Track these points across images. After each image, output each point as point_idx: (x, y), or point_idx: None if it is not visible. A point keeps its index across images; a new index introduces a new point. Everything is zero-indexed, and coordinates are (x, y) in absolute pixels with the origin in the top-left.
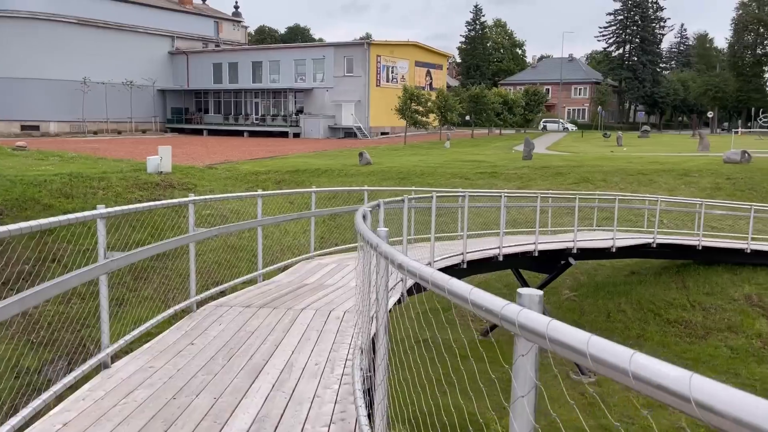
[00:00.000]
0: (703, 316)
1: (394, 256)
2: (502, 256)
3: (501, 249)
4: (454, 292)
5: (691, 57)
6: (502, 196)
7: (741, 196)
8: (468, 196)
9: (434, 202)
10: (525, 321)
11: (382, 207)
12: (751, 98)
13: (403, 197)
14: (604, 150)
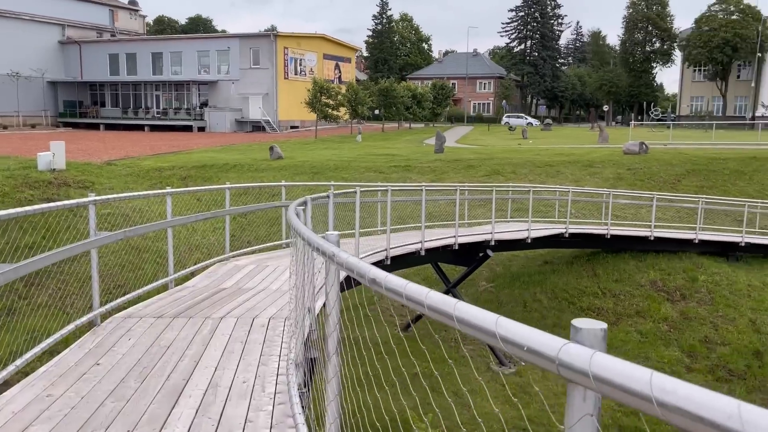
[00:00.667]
0: (613, 302)
1: (361, 269)
2: (424, 250)
3: (423, 243)
4: (439, 309)
5: (586, 53)
6: (423, 190)
7: (641, 186)
8: (390, 190)
9: (358, 197)
10: (599, 371)
11: (309, 204)
12: (641, 93)
13: (328, 192)
14: (512, 143)
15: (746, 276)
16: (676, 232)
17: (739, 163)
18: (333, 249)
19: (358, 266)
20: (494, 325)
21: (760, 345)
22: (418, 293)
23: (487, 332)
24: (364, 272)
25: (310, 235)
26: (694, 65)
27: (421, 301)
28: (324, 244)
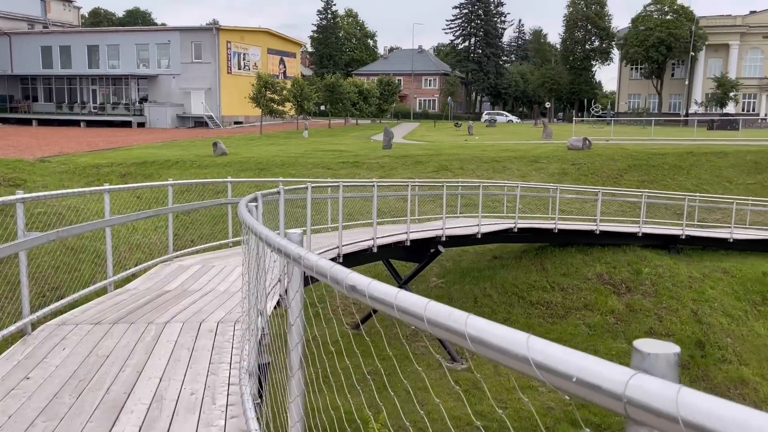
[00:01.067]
0: (562, 296)
1: (336, 274)
2: (377, 247)
3: (375, 240)
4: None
5: (528, 51)
6: (374, 186)
7: (585, 180)
8: (342, 186)
9: (309, 193)
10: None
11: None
12: (582, 90)
13: (279, 188)
14: (458, 139)
15: (687, 268)
16: (621, 226)
17: (677, 158)
18: (299, 251)
19: (333, 271)
20: (526, 348)
21: (701, 335)
22: (415, 305)
23: (518, 357)
24: (340, 278)
25: (269, 234)
26: (632, 64)
27: (420, 315)
28: (287, 244)
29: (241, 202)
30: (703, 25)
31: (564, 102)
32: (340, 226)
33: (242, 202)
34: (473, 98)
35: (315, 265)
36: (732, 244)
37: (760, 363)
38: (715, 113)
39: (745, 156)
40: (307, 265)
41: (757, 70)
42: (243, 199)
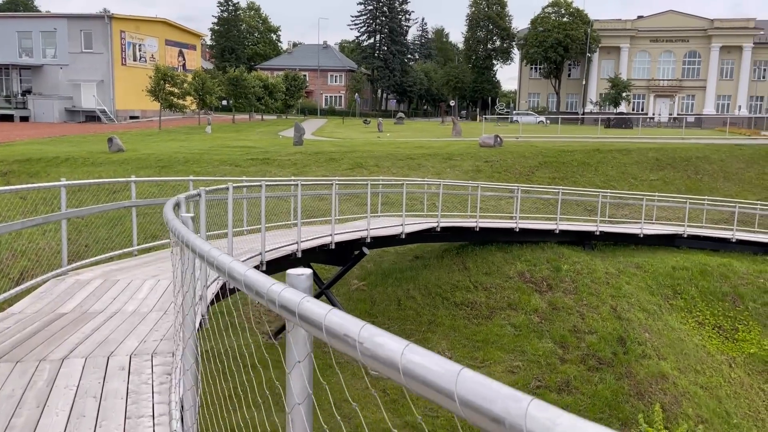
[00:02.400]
0: (486, 296)
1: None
2: (301, 251)
3: (299, 244)
4: None
5: (431, 49)
6: (299, 185)
7: (499, 177)
8: (264, 185)
9: (231, 194)
10: None
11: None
12: (485, 88)
13: (228, 185)
14: (370, 136)
15: (603, 264)
16: (539, 223)
17: (585, 155)
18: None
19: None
20: None
21: (622, 331)
22: None
23: None
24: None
25: (232, 265)
26: (531, 63)
27: None
28: (262, 281)
29: (167, 206)
30: (597, 28)
31: (467, 100)
32: (263, 229)
33: (168, 207)
34: (379, 95)
35: None
36: (642, 239)
37: (677, 357)
38: (609, 112)
39: (647, 153)
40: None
41: (646, 72)
42: (168, 202)
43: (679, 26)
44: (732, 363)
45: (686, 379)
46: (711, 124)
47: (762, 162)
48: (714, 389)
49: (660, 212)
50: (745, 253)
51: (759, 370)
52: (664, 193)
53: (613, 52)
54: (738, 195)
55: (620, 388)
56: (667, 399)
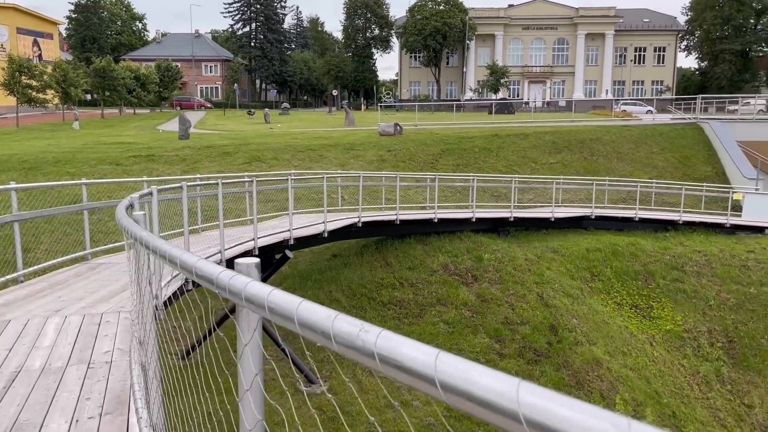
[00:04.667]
0: (413, 292)
1: None
2: (225, 261)
3: (223, 253)
4: None
5: (308, 39)
6: (219, 184)
7: (404, 167)
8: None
9: (185, 194)
10: None
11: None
12: (366, 78)
13: (182, 184)
14: (258, 127)
15: (521, 250)
16: (456, 212)
17: (485, 141)
18: None
19: None
20: None
21: (552, 319)
22: None
23: None
24: None
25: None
26: (411, 52)
27: None
28: None
29: (119, 209)
30: (472, 16)
31: (349, 90)
32: (186, 235)
33: (119, 209)
34: (259, 86)
35: None
36: (553, 223)
37: (605, 341)
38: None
39: (543, 137)
40: None
41: (519, 59)
42: (119, 206)
43: (548, 14)
44: (652, 341)
45: (617, 363)
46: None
47: (649, 142)
48: (641, 370)
49: (563, 195)
50: (647, 231)
51: (676, 346)
52: (564, 176)
53: (489, 40)
54: (632, 174)
55: (561, 379)
56: (604, 386)
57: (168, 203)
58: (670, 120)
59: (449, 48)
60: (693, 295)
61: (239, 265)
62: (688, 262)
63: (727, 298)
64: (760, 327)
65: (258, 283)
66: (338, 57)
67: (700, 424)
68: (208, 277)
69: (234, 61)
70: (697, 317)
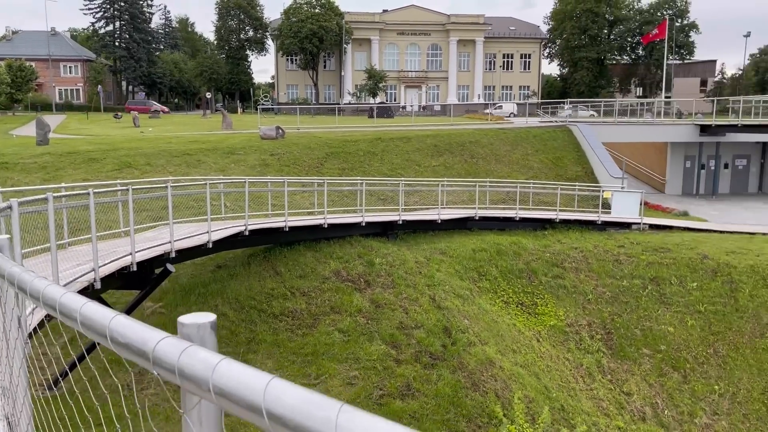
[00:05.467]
0: (305, 302)
1: None
2: (99, 281)
3: (97, 272)
4: None
5: (177, 39)
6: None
7: (289, 171)
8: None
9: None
10: None
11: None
12: (241, 80)
13: (47, 195)
14: (128, 132)
15: (411, 253)
16: (346, 217)
17: (369, 144)
18: None
19: None
20: None
21: (445, 321)
22: None
23: None
24: None
25: None
26: (287, 55)
27: None
28: None
29: None
30: (348, 20)
31: (223, 92)
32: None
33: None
34: (125, 88)
35: None
36: (439, 225)
37: (496, 340)
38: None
39: (425, 140)
40: None
41: (395, 64)
42: None
43: (421, 20)
44: (539, 337)
45: (509, 361)
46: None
47: (524, 144)
48: (530, 366)
49: (448, 197)
50: (527, 230)
51: (560, 340)
52: (447, 178)
53: (365, 44)
54: (509, 175)
55: (458, 382)
56: (498, 385)
57: (28, 216)
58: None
59: (326, 51)
60: (573, 290)
61: (186, 326)
62: (566, 258)
63: (603, 292)
64: (633, 318)
65: (230, 364)
66: (211, 58)
67: (586, 415)
68: (139, 349)
69: (96, 61)
70: (577, 311)
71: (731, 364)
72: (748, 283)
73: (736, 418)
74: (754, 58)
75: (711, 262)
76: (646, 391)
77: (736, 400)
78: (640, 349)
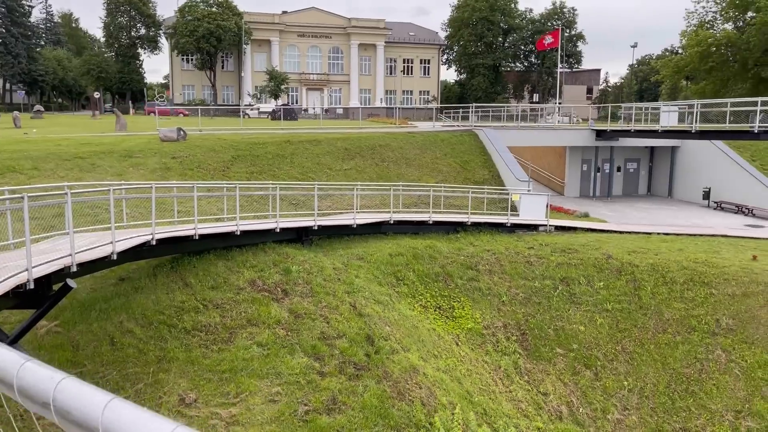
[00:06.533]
0: (219, 315)
1: None
2: None
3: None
4: None
5: (60, 36)
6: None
7: (193, 175)
8: None
9: None
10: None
11: None
12: (133, 80)
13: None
14: (6, 133)
15: (328, 260)
16: (258, 223)
17: (277, 147)
18: None
19: None
20: None
21: (367, 329)
22: None
23: None
24: None
25: None
26: (183, 54)
27: None
28: None
29: None
30: (247, 20)
31: (113, 92)
32: None
33: None
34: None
35: None
36: (355, 229)
37: (417, 345)
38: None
39: (336, 143)
40: None
41: (296, 66)
42: None
43: (322, 23)
44: (457, 341)
45: (431, 367)
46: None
47: (433, 148)
48: (452, 371)
49: (361, 201)
50: (440, 233)
51: (478, 343)
52: (359, 182)
53: (265, 45)
54: (420, 179)
55: (383, 392)
56: (423, 392)
57: None
58: (441, 127)
59: (224, 52)
60: (488, 292)
61: None
62: (480, 261)
63: (516, 293)
64: (546, 318)
65: None
66: (99, 56)
67: (507, 418)
68: None
69: None
70: (493, 314)
71: (638, 360)
72: (650, 281)
73: (645, 412)
74: (632, 68)
75: (615, 262)
76: (561, 390)
77: (644, 394)
78: (554, 349)
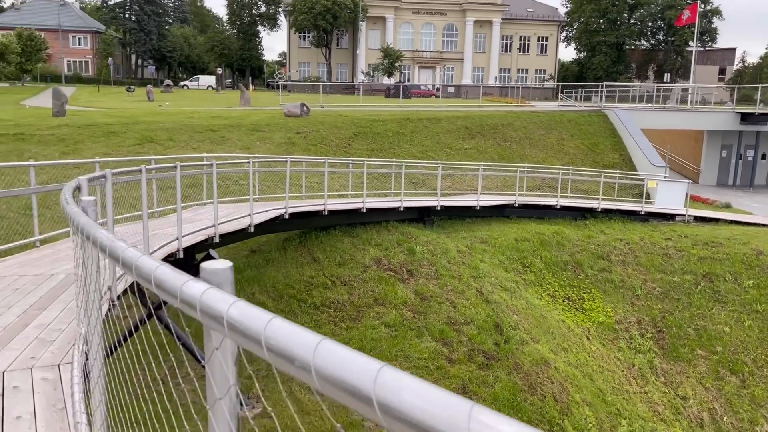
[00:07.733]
0: (347, 292)
1: None
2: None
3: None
4: None
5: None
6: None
7: (316, 151)
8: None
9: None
10: None
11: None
12: (252, 56)
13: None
14: (143, 105)
15: (451, 241)
16: (383, 201)
17: (397, 125)
18: None
19: None
20: None
21: (495, 317)
22: None
23: None
24: None
25: None
26: (300, 31)
27: None
28: None
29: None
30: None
31: (234, 68)
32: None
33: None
34: (134, 61)
35: None
36: (477, 211)
37: (547, 337)
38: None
39: (456, 122)
40: None
41: (410, 44)
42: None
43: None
44: (588, 335)
45: (562, 361)
46: (471, 94)
47: (559, 128)
48: (583, 367)
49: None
50: (567, 219)
51: (610, 338)
52: (481, 162)
53: (380, 22)
54: (544, 161)
55: (515, 384)
56: (555, 388)
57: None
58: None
59: (340, 29)
60: (621, 284)
61: (206, 271)
62: (612, 251)
63: (653, 287)
64: (686, 316)
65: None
66: (222, 34)
67: (643, 420)
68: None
69: (106, 33)
70: (626, 308)
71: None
72: None
73: None
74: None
75: (767, 259)
76: (702, 395)
77: None
78: (695, 350)
